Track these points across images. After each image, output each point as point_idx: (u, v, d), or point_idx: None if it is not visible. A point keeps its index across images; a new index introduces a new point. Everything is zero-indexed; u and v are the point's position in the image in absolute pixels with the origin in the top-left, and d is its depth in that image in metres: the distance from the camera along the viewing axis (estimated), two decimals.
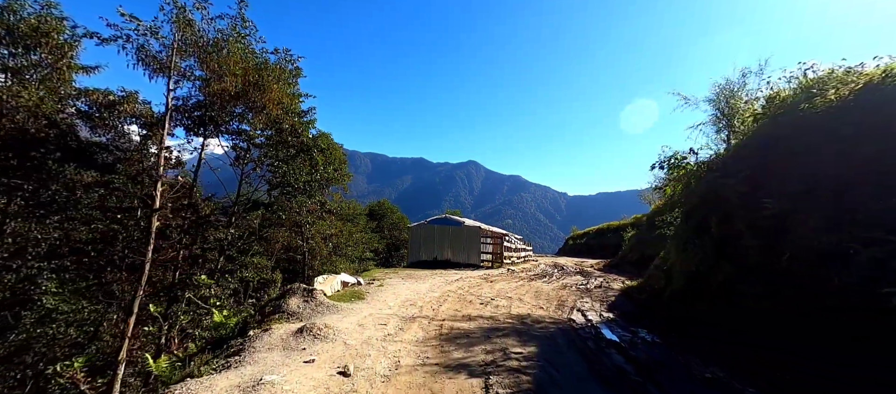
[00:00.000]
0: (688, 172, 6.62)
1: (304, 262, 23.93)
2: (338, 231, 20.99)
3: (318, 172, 17.90)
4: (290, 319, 5.58)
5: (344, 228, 28.86)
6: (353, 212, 34.92)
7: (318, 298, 6.33)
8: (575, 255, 44.00)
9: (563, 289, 10.94)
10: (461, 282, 11.31)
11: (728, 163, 6.16)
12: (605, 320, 7.37)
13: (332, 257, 25.35)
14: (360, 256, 31.58)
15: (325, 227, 20.29)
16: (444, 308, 7.40)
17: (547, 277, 14.78)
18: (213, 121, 15.97)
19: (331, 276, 8.06)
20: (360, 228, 32.79)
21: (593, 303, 9.05)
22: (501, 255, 19.11)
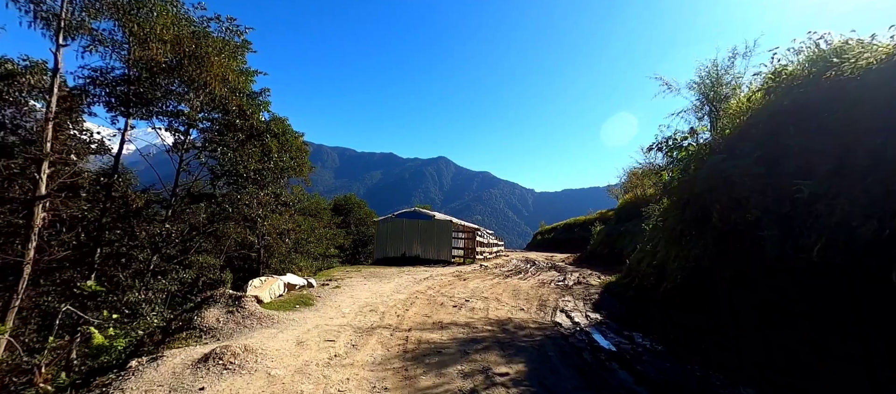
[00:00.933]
0: (688, 154, 5.86)
1: (259, 260, 21.86)
2: (295, 226, 19.10)
3: (271, 160, 15.99)
4: (203, 338, 4.16)
5: (304, 222, 26.85)
6: (317, 206, 32.85)
7: (249, 307, 4.91)
8: (543, 249, 44.30)
9: (542, 286, 10.08)
10: (431, 280, 10.15)
11: (734, 143, 5.45)
12: (594, 323, 6.50)
13: (291, 255, 23.38)
14: (323, 252, 29.65)
15: (281, 221, 18.37)
16: (411, 314, 6.21)
17: (522, 273, 13.96)
18: (143, 99, 13.68)
19: (271, 278, 6.60)
20: (323, 224, 30.84)
21: (576, 302, 8.21)
22: (474, 250, 18.17)
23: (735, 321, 5.27)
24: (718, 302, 5.56)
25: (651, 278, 7.42)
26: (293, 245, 25.35)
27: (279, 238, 20.14)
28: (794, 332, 4.30)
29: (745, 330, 5.08)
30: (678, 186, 5.99)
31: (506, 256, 26.52)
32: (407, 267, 15.06)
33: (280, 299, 6.11)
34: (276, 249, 22.59)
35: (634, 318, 6.89)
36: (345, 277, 10.10)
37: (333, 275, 10.79)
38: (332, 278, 9.75)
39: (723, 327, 5.45)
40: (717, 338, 5.37)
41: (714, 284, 5.54)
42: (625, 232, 21.67)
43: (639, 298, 8.13)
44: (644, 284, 7.89)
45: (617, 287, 9.68)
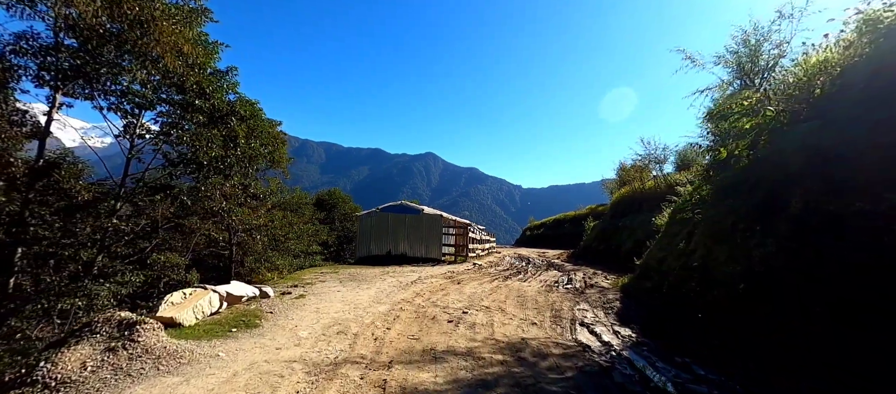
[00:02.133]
0: (760, 124, 4.45)
1: (231, 259, 19.88)
2: (266, 222, 17.24)
3: (238, 147, 14.06)
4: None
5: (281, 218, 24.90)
6: (298, 201, 30.86)
7: (146, 340, 3.26)
8: (533, 245, 43.34)
9: (549, 291, 8.63)
10: (420, 284, 8.59)
11: (825, 107, 4.06)
12: (629, 344, 5.06)
13: (267, 253, 21.45)
14: (305, 249, 27.82)
15: (252, 216, 16.47)
16: (393, 335, 4.64)
17: (521, 273, 12.52)
18: (80, 72, 11.58)
19: (201, 290, 4.90)
20: (305, 219, 28.89)
21: (595, 311, 6.78)
22: (466, 247, 16.67)
23: (805, 320, 3.98)
24: (782, 300, 4.22)
25: (692, 283, 6.03)
26: (270, 242, 23.42)
27: (249, 235, 18.23)
28: (877, 333, 2.98)
29: (818, 328, 3.83)
30: (746, 166, 4.57)
31: (498, 252, 25.17)
32: (392, 267, 13.46)
33: (212, 320, 4.47)
34: (251, 246, 20.68)
35: (674, 333, 5.49)
36: (315, 282, 8.43)
37: (303, 278, 9.10)
38: (300, 283, 8.07)
39: (787, 326, 4.18)
40: (781, 339, 4.17)
41: (777, 283, 4.17)
42: (622, 227, 20.51)
43: (669, 303, 6.77)
44: (680, 289, 6.51)
45: (636, 291, 8.32)
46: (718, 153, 4.31)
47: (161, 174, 14.02)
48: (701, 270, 5.89)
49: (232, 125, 14.20)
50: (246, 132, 15.05)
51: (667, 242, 9.20)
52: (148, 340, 3.27)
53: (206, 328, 4.16)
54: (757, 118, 4.29)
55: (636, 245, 16.43)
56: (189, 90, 13.02)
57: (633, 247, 16.63)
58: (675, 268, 7.32)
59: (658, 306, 7.03)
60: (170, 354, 3.25)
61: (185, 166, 13.67)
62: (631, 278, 10.30)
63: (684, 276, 6.59)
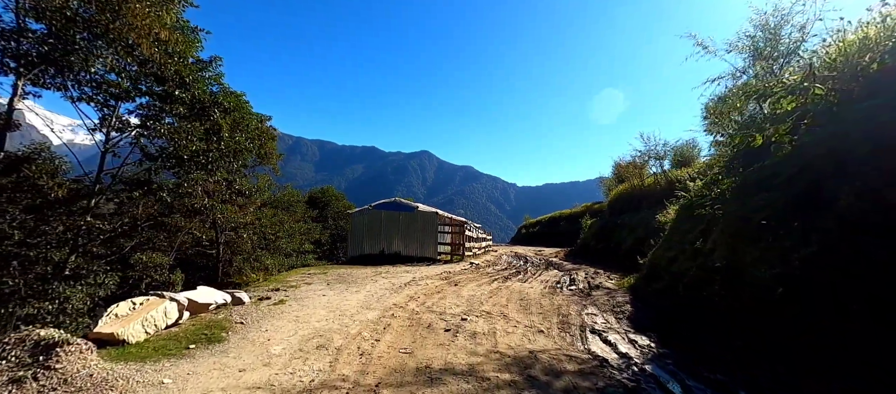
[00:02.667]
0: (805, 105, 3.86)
1: (218, 259, 19.12)
2: (253, 220, 16.49)
3: (221, 141, 13.29)
4: None
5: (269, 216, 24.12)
6: (289, 198, 30.06)
7: (68, 366, 2.58)
8: (529, 243, 42.96)
9: (553, 292, 8.04)
10: (415, 287, 7.96)
11: (878, 81, 3.50)
12: (650, 356, 4.48)
13: (256, 252, 20.71)
14: (297, 248, 27.07)
15: (237, 214, 15.71)
16: (382, 349, 4.02)
17: (520, 273, 11.94)
18: (47, 59, 10.75)
19: (155, 298, 4.19)
20: (297, 218, 28.11)
21: (606, 316, 6.21)
22: (462, 246, 16.07)
23: (839, 319, 3.48)
24: (812, 300, 3.69)
25: (714, 286, 5.47)
26: (259, 241, 22.66)
27: (235, 233, 17.46)
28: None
29: (856, 326, 3.37)
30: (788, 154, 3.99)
31: (494, 251, 24.63)
32: (385, 267, 12.81)
33: (168, 334, 3.79)
34: (240, 246, 19.92)
35: (691, 336, 4.96)
36: (300, 284, 7.75)
37: (288, 280, 8.40)
38: (284, 285, 7.39)
39: (816, 326, 3.70)
40: (810, 340, 3.86)
41: (807, 281, 3.63)
42: (621, 225, 20.04)
43: (683, 304, 6.23)
44: (698, 291, 5.94)
45: (646, 292, 7.77)
46: (751, 140, 3.74)
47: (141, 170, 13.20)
48: (724, 271, 5.33)
49: (215, 118, 13.42)
50: (230, 125, 14.28)
51: (676, 240, 8.66)
52: (70, 366, 2.60)
53: (158, 345, 3.49)
54: (800, 98, 3.72)
55: (637, 243, 15.96)
56: (169, 80, 12.23)
57: (634, 245, 16.16)
58: (689, 268, 6.76)
59: (670, 307, 6.49)
60: (96, 384, 2.58)
61: (164, 161, 12.88)
62: (637, 279, 9.77)
63: (703, 277, 6.03)
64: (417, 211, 15.91)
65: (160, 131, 11.83)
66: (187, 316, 4.39)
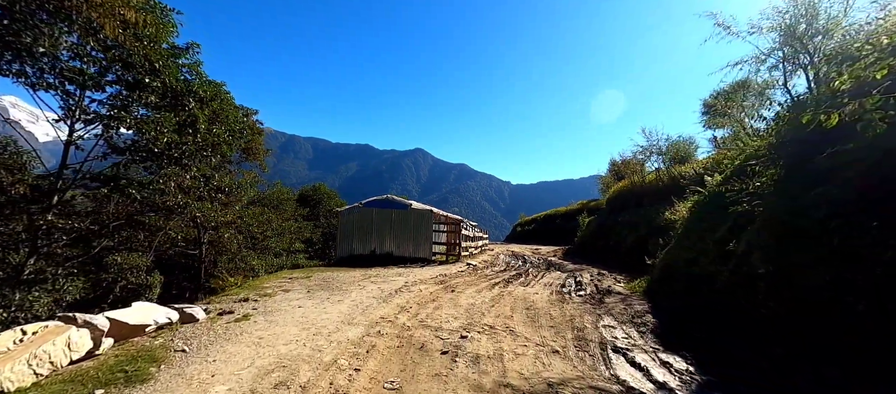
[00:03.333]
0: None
1: (200, 259, 18.05)
2: (234, 218, 15.47)
3: (198, 133, 12.24)
4: None
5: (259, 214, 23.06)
6: (278, 196, 29.00)
7: None
8: (524, 241, 42.33)
9: (561, 300, 7.20)
10: (406, 294, 7.07)
11: None
12: (692, 386, 3.65)
13: (241, 252, 19.65)
14: (287, 248, 26.05)
15: (217, 212, 14.66)
16: (363, 384, 3.13)
17: (521, 274, 11.10)
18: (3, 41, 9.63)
19: (56, 325, 3.17)
20: (286, 216, 27.08)
21: (627, 330, 5.38)
22: (458, 246, 15.21)
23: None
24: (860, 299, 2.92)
25: (751, 292, 4.67)
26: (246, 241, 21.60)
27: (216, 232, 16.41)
28: None
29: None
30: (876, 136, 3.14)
31: (491, 250, 23.83)
32: (376, 269, 11.89)
33: (72, 372, 2.82)
34: (227, 246, 18.85)
35: (728, 353, 4.18)
36: (276, 292, 6.81)
37: (263, 287, 7.45)
38: (257, 294, 6.45)
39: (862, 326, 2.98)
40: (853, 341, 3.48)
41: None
42: (622, 223, 19.32)
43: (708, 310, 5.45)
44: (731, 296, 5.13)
45: (662, 298, 6.97)
46: (825, 120, 2.96)
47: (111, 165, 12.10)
48: (769, 277, 4.52)
49: (190, 108, 12.36)
50: (208, 117, 13.22)
51: (694, 240, 7.87)
52: None
53: (53, 390, 2.56)
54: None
55: (639, 241, 15.27)
56: (137, 67, 11.15)
57: (636, 243, 15.47)
58: (716, 272, 5.96)
59: (695, 315, 5.70)
60: None
61: (133, 155, 11.80)
62: (649, 281, 8.99)
63: (737, 281, 5.23)
64: (411, 209, 15.00)
65: (127, 122, 10.76)
66: (109, 344, 3.45)
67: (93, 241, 13.20)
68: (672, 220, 12.26)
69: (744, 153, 8.04)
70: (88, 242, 13.06)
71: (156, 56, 10.98)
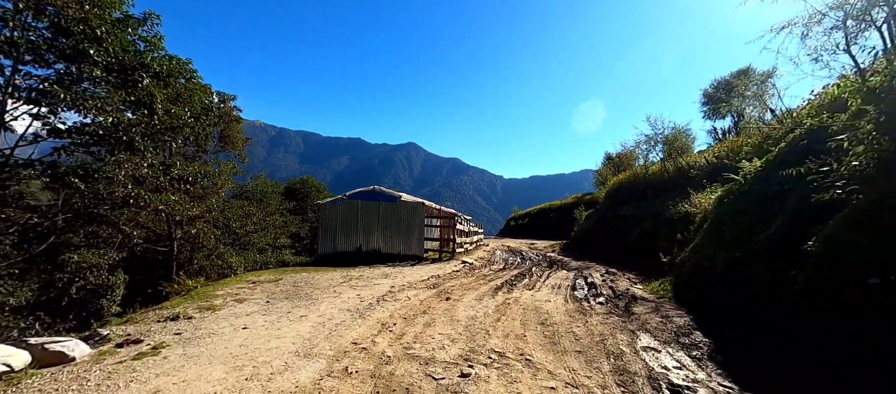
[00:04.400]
0: None
1: (172, 257, 16.44)
2: (202, 212, 13.92)
3: (154, 114, 10.61)
4: None
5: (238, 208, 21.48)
6: (262, 189, 27.36)
7: None
8: (519, 235, 41.40)
9: (581, 310, 5.92)
10: (391, 303, 5.72)
11: None
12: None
13: (218, 249, 18.04)
14: (272, 243, 24.45)
15: (183, 205, 13.06)
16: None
17: (524, 274, 9.82)
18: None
19: None
20: (271, 210, 25.49)
21: (677, 355, 4.10)
22: (453, 242, 13.87)
23: None
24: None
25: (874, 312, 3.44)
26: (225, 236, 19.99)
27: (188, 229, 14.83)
28: None
29: None
30: None
31: (486, 245, 22.59)
32: (359, 269, 10.51)
33: None
34: (203, 241, 17.21)
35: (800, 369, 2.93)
36: (227, 303, 5.39)
37: (214, 294, 6.01)
38: (199, 306, 5.03)
39: None
40: None
41: None
42: (624, 217, 18.21)
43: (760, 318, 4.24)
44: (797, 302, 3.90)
45: (702, 307, 5.75)
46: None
47: (52, 150, 10.41)
48: None
49: (144, 85, 10.72)
50: (168, 96, 11.59)
51: (734, 235, 6.64)
52: None
53: None
54: None
55: (644, 236, 14.17)
56: (75, 33, 9.49)
57: (641, 238, 14.36)
58: (779, 277, 4.73)
59: (748, 328, 4.48)
60: None
61: (76, 138, 10.16)
62: (673, 283, 7.80)
63: (819, 289, 3.99)
64: (400, 201, 13.60)
65: (63, 98, 9.11)
66: None
67: (49, 237, 11.60)
68: (690, 213, 11.11)
69: (793, 133, 6.82)
70: (44, 239, 11.43)
71: (97, 22, 9.31)
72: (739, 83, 24.52)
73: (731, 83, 25.33)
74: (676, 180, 16.30)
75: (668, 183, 17.02)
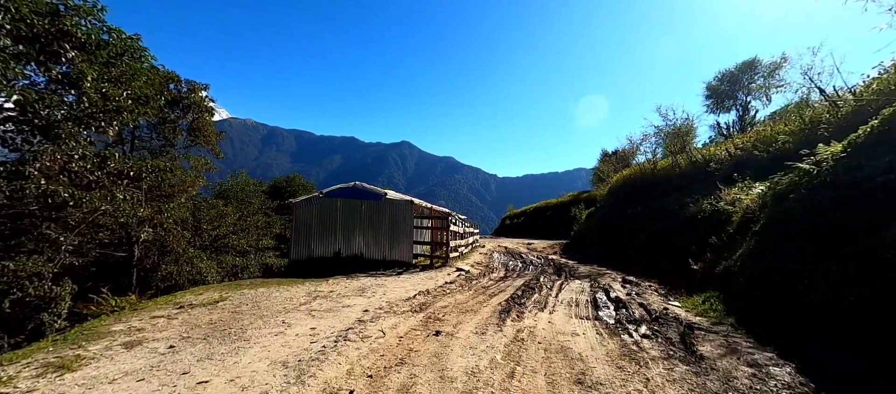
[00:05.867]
0: None
1: (132, 264, 14.55)
2: (152, 213, 12.03)
3: (84, 94, 8.67)
4: None
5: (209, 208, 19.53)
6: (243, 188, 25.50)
7: None
8: (514, 235, 40.04)
9: (626, 351, 4.20)
10: (357, 345, 3.97)
11: None
12: None
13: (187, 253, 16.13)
14: (254, 245, 22.60)
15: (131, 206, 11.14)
16: None
17: (533, 287, 8.10)
18: None
19: None
20: (252, 210, 23.66)
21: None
22: (446, 246, 12.13)
23: None
24: None
25: None
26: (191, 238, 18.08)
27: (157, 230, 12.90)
28: None
29: None
30: None
31: (481, 247, 20.92)
32: (335, 279, 8.74)
33: None
34: (173, 245, 15.31)
35: None
36: (110, 346, 3.60)
37: (106, 331, 4.19)
38: (67, 357, 3.24)
39: None
40: None
41: None
42: (632, 216, 16.68)
43: None
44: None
45: (788, 338, 4.12)
46: None
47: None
48: None
49: (69, 58, 8.79)
50: (105, 75, 9.64)
51: (810, 238, 5.01)
52: None
53: None
54: None
55: (655, 238, 12.70)
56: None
57: (651, 240, 12.86)
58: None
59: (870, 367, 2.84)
60: None
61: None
62: (721, 298, 6.19)
63: None
64: (385, 199, 11.81)
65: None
66: None
67: None
68: (722, 211, 9.53)
69: (890, 108, 5.19)
70: None
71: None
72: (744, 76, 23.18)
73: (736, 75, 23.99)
74: (691, 176, 14.82)
75: (680, 179, 15.56)
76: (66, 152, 9.04)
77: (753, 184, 9.45)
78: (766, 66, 22.67)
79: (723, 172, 12.42)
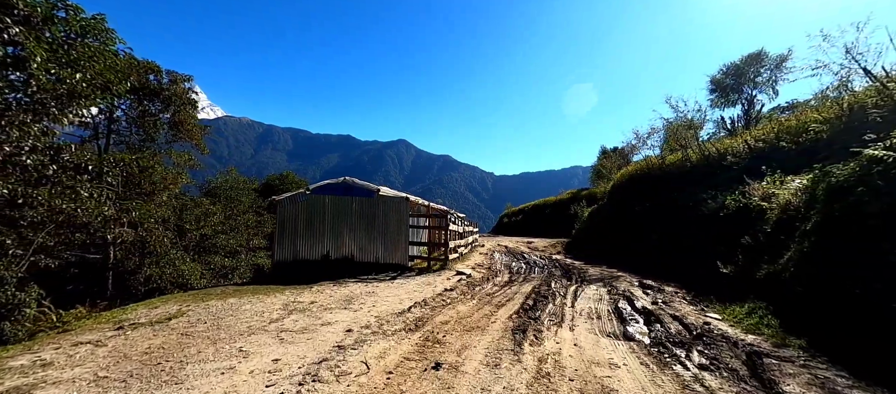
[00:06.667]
0: None
1: (106, 267, 13.46)
2: (118, 212, 10.91)
3: (32, 76, 7.55)
4: None
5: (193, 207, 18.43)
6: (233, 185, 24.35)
7: None
8: (512, 233, 39.17)
9: (678, 384, 3.25)
10: (330, 387, 2.98)
11: None
12: None
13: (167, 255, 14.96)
14: (244, 245, 21.47)
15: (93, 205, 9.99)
16: None
17: (545, 295, 7.10)
18: None
19: None
20: (242, 209, 22.56)
21: None
22: (446, 247, 11.09)
23: None
24: None
25: None
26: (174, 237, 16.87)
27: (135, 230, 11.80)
28: None
29: None
30: None
31: (481, 246, 19.94)
32: (319, 286, 7.72)
33: None
34: (155, 245, 14.17)
35: None
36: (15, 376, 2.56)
37: (8, 367, 3.15)
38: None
39: None
40: None
41: None
42: (641, 214, 15.76)
43: None
44: None
45: (883, 366, 3.16)
46: None
47: None
48: None
49: (12, 35, 7.65)
50: (55, 55, 8.50)
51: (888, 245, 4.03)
52: None
53: None
54: None
55: (669, 237, 11.80)
56: None
57: (661, 240, 11.98)
58: None
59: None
60: None
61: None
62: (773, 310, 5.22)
63: None
64: (378, 196, 10.76)
65: None
66: None
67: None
68: (753, 208, 8.57)
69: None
70: None
71: None
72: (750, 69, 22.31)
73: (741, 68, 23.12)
74: (704, 170, 13.91)
75: (692, 174, 14.63)
76: (11, 143, 7.89)
77: (786, 177, 8.50)
78: (772, 59, 21.77)
79: (741, 166, 11.53)
